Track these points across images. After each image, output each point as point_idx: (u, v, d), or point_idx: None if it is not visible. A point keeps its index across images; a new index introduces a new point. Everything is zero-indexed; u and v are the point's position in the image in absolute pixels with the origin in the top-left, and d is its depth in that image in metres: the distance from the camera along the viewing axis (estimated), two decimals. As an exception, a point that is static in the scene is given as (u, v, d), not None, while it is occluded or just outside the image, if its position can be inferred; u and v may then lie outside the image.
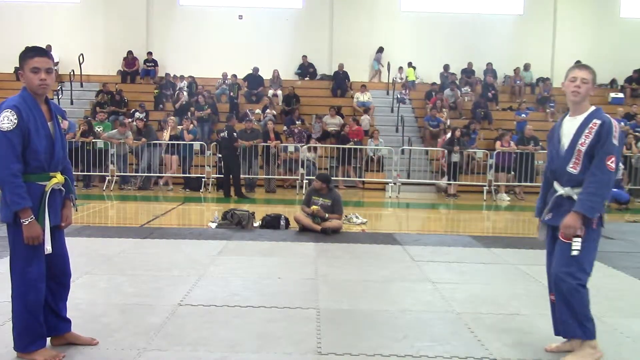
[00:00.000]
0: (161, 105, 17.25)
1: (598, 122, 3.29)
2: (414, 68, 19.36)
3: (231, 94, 17.34)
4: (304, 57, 19.42)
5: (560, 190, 3.42)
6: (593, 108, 3.40)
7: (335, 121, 15.93)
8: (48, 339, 3.36)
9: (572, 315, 3.29)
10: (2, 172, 2.99)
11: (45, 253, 3.14)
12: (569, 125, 3.43)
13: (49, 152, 3.16)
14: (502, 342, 3.71)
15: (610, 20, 19.91)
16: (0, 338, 3.45)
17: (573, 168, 3.34)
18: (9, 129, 2.99)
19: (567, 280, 3.26)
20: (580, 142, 3.32)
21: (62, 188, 3.31)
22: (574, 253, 3.24)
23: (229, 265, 5.69)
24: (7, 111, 3.02)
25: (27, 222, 3.03)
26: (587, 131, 3.30)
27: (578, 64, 3.47)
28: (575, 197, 3.32)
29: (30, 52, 3.15)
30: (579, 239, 3.25)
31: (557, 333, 3.54)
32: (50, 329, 3.33)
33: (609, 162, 3.22)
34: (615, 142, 3.25)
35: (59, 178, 3.23)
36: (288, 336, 3.69)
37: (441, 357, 3.42)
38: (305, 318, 4.06)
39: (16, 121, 3.02)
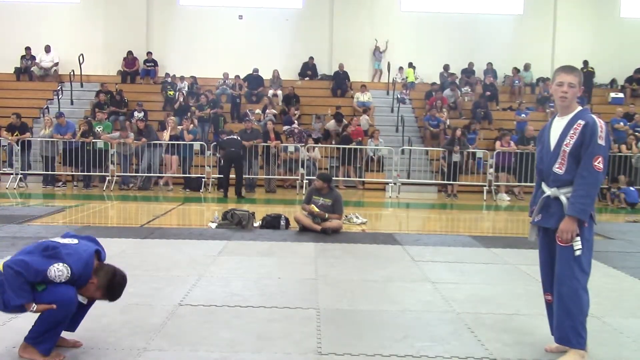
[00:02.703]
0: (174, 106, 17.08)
1: (582, 122, 3.31)
2: (414, 68, 19.33)
3: (234, 93, 17.34)
4: (311, 58, 19.42)
5: (547, 191, 3.45)
6: (579, 109, 3.42)
7: (339, 128, 15.81)
8: None
9: (569, 323, 3.29)
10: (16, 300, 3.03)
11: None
12: (557, 126, 3.46)
13: None
14: (502, 342, 3.71)
15: (610, 20, 19.92)
16: (1, 338, 3.46)
17: (558, 168, 3.37)
18: (52, 279, 3.06)
19: (568, 283, 3.28)
20: (565, 142, 3.35)
21: None
22: (577, 253, 3.27)
23: (229, 265, 5.69)
24: (65, 268, 3.08)
25: (34, 309, 3.10)
26: (571, 132, 3.33)
27: (564, 67, 3.45)
28: (562, 197, 3.35)
29: None
30: (578, 238, 3.28)
31: (553, 333, 3.55)
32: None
33: (595, 163, 3.24)
34: (601, 142, 3.26)
35: None
36: (288, 336, 3.69)
37: (441, 357, 3.42)
38: (305, 318, 4.06)
39: (64, 280, 3.09)
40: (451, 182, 13.67)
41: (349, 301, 4.54)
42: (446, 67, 19.18)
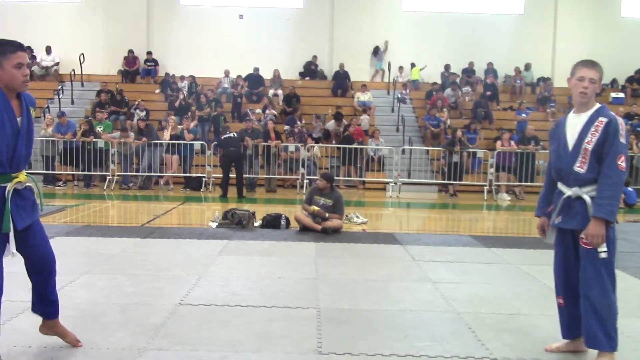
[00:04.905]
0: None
1: (604, 120, 3.20)
2: (421, 68, 19.27)
3: (235, 92, 17.32)
4: (315, 57, 19.41)
5: (568, 191, 3.31)
6: (598, 105, 3.30)
7: (340, 128, 15.81)
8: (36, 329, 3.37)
9: (600, 327, 3.18)
10: None
11: (12, 257, 3.00)
12: (574, 123, 3.32)
13: (11, 150, 2.98)
14: (503, 341, 3.71)
15: (610, 20, 19.91)
16: (1, 338, 3.45)
17: (580, 167, 3.24)
18: None
19: (598, 286, 3.18)
20: (586, 140, 3.21)
21: (30, 186, 3.15)
22: (603, 255, 3.16)
23: (229, 264, 5.69)
24: None
25: None
26: (593, 129, 3.21)
27: (585, 61, 3.31)
28: (585, 196, 3.22)
29: (11, 47, 2.97)
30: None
31: (564, 336, 3.49)
32: (42, 312, 3.33)
33: (619, 162, 3.13)
34: (623, 140, 3.17)
35: (22, 178, 3.05)
36: (288, 336, 3.69)
37: (441, 357, 3.42)
38: (305, 318, 4.06)
39: None
40: (452, 182, 13.67)
41: (350, 301, 4.54)
42: (447, 67, 19.18)
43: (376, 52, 19.64)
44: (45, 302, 3.31)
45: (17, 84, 3.00)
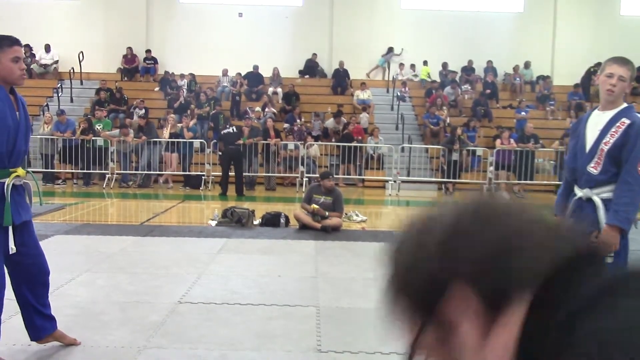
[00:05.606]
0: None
1: (627, 121, 3.04)
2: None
3: (234, 90, 17.31)
4: (314, 54, 19.41)
5: (579, 192, 3.20)
6: (624, 105, 3.14)
7: (339, 126, 15.81)
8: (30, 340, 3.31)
9: None
10: None
11: (10, 252, 2.99)
12: (597, 121, 3.17)
13: (11, 144, 2.99)
14: (502, 340, 3.70)
15: (610, 18, 19.89)
16: (2, 336, 3.45)
17: (593, 168, 3.09)
18: None
19: None
20: (604, 140, 3.06)
21: (27, 182, 3.16)
22: (609, 260, 3.02)
23: (228, 263, 5.69)
24: None
25: None
26: (613, 130, 3.05)
27: (617, 58, 3.14)
28: (595, 198, 3.10)
29: (8, 41, 3.01)
30: None
31: None
32: (39, 330, 3.26)
33: None
34: None
35: (20, 172, 3.06)
36: (288, 334, 3.69)
37: (441, 355, 3.42)
38: (305, 316, 4.06)
39: None
40: (451, 180, 13.68)
41: (349, 299, 4.54)
42: (445, 65, 19.16)
43: (389, 52, 19.59)
44: (41, 317, 3.23)
45: (15, 78, 3.03)
